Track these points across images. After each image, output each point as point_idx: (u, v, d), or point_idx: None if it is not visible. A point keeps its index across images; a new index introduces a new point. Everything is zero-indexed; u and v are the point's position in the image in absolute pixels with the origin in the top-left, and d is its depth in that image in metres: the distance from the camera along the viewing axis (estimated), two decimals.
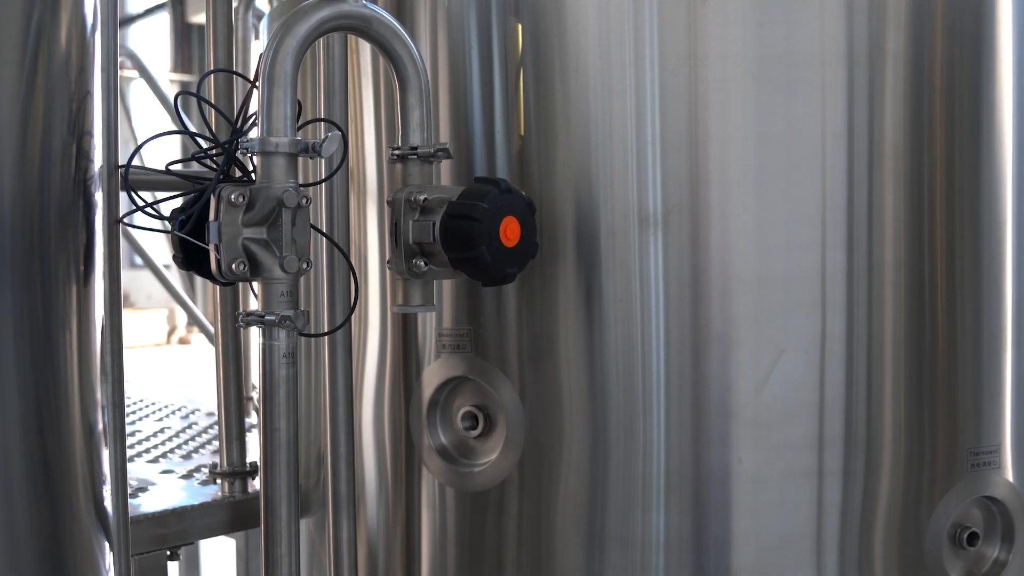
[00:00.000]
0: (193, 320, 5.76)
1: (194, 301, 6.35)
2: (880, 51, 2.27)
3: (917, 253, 2.31)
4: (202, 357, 13.29)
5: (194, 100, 2.28)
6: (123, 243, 2.42)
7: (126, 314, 2.38)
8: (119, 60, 2.43)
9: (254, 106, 2.12)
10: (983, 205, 2.38)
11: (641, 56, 2.23)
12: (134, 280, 18.88)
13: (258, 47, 4.65)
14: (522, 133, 2.32)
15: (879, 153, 2.27)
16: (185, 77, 22.99)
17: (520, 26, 2.32)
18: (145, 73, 5.63)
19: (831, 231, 2.24)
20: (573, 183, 2.27)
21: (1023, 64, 2.41)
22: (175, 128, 4.11)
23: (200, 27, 22.14)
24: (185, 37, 23.27)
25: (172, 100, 4.51)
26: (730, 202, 2.23)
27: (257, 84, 2.08)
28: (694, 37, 2.22)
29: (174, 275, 6.30)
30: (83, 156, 2.06)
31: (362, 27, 2.14)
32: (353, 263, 2.50)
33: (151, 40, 24.13)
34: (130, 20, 24.29)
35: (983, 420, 2.40)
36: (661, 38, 2.23)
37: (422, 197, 2.11)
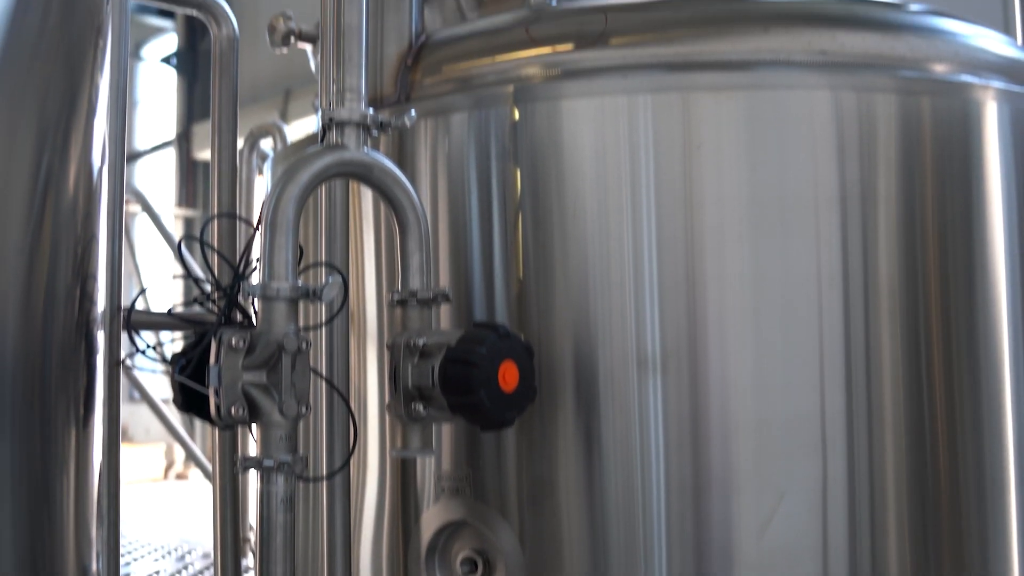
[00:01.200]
0: (191, 457, 5.73)
1: (192, 437, 6.32)
2: (872, 194, 2.30)
3: (916, 394, 2.31)
4: (199, 493, 13.13)
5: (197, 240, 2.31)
6: (122, 378, 2.42)
7: (123, 449, 2.38)
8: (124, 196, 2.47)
9: (256, 250, 2.15)
10: (979, 344, 2.38)
11: (638, 200, 2.27)
12: (132, 415, 18.77)
13: (262, 183, 4.72)
14: (521, 277, 2.34)
15: (874, 294, 2.29)
16: (189, 212, 23.23)
17: (519, 171, 2.36)
18: (150, 211, 5.71)
19: (829, 373, 2.25)
20: (571, 326, 2.29)
21: (1012, 204, 2.45)
22: (178, 266, 4.14)
23: (205, 163, 22.50)
24: (190, 173, 23.58)
25: (175, 239, 4.56)
26: (728, 345, 2.24)
27: (259, 229, 2.11)
28: (689, 182, 2.26)
29: (172, 411, 6.27)
30: (87, 299, 2.08)
31: (363, 174, 2.18)
32: (352, 406, 2.50)
33: (156, 175, 24.49)
34: (136, 156, 24.68)
35: (988, 562, 2.37)
36: (657, 183, 2.27)
37: (421, 342, 2.12)
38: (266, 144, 4.81)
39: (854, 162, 2.30)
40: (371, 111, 2.20)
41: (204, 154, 22.22)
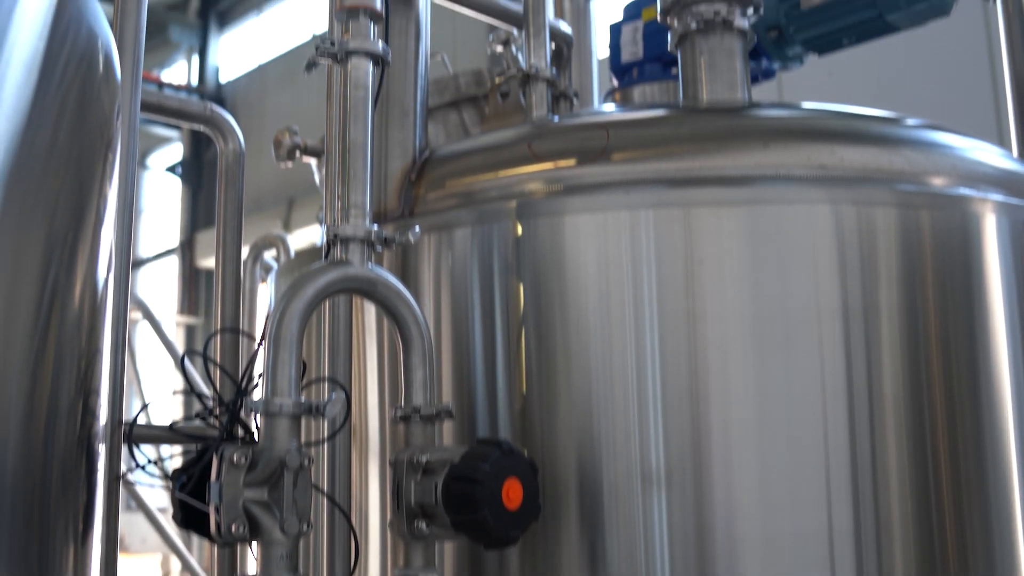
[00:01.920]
0: (188, 569, 5.64)
1: (189, 548, 6.23)
2: (875, 307, 2.31)
3: (925, 509, 2.28)
4: None
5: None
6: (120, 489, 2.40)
7: (119, 559, 2.35)
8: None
9: (259, 364, 2.14)
10: (987, 455, 2.36)
11: (641, 315, 2.27)
12: (129, 524, 18.56)
13: (265, 292, 4.73)
14: (524, 392, 2.34)
15: (880, 408, 2.28)
16: (191, 320, 23.29)
17: (522, 286, 2.37)
18: (152, 320, 5.71)
19: (836, 489, 2.22)
20: (575, 441, 2.27)
21: (1014, 315, 2.45)
22: (179, 375, 4.13)
23: (208, 271, 22.61)
24: (192, 281, 23.71)
25: (178, 349, 4.56)
26: (733, 460, 2.22)
27: (263, 344, 2.11)
28: (692, 297, 2.27)
29: (169, 522, 6.19)
30: (89, 414, 2.06)
31: (367, 289, 2.19)
32: (354, 523, 2.47)
33: (159, 281, 24.59)
34: (140, 263, 24.82)
35: None
36: (660, 297, 2.27)
37: (424, 458, 2.11)
38: (270, 254, 4.84)
39: (856, 276, 2.31)
40: (375, 227, 2.21)
41: (207, 262, 22.33)
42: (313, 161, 3.31)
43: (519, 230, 2.38)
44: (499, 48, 3.31)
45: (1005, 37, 3.54)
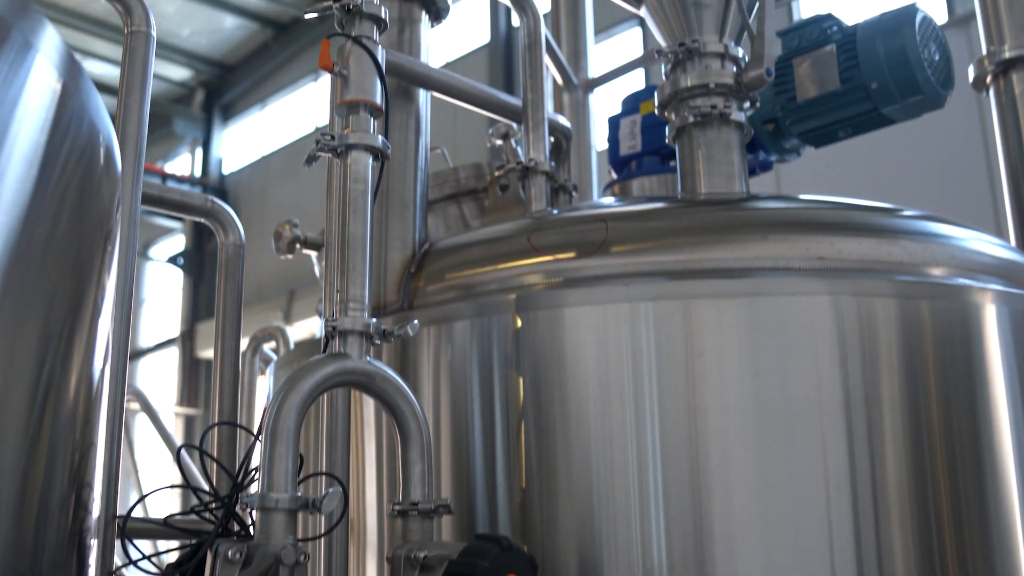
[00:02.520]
0: None
1: None
2: (877, 398, 2.29)
3: None
4: None
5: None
6: None
7: None
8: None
9: (256, 458, 2.12)
10: (993, 543, 2.33)
11: (641, 408, 2.25)
12: None
13: (264, 383, 4.71)
14: (524, 485, 2.31)
15: (884, 499, 2.25)
16: (191, 411, 23.17)
17: (521, 379, 2.36)
18: (150, 411, 5.68)
19: None
20: (576, 536, 2.24)
21: (1017, 404, 2.43)
22: (177, 469, 4.09)
23: (208, 361, 22.55)
24: (192, 371, 23.63)
25: (175, 441, 4.52)
26: (736, 555, 2.18)
27: (260, 438, 2.09)
28: (692, 389, 2.25)
29: None
30: (81, 507, 2.03)
31: (365, 383, 2.18)
32: None
33: (159, 371, 24.52)
34: (139, 354, 24.77)
35: None
36: (660, 390, 2.26)
37: (422, 554, 2.08)
38: (269, 346, 4.83)
39: (857, 367, 2.29)
40: (374, 320, 2.21)
41: (207, 352, 22.29)
42: (313, 253, 3.32)
43: (518, 323, 2.38)
44: (499, 142, 3.34)
45: (999, 128, 3.58)
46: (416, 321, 2.29)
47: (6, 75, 1.89)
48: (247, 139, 25.04)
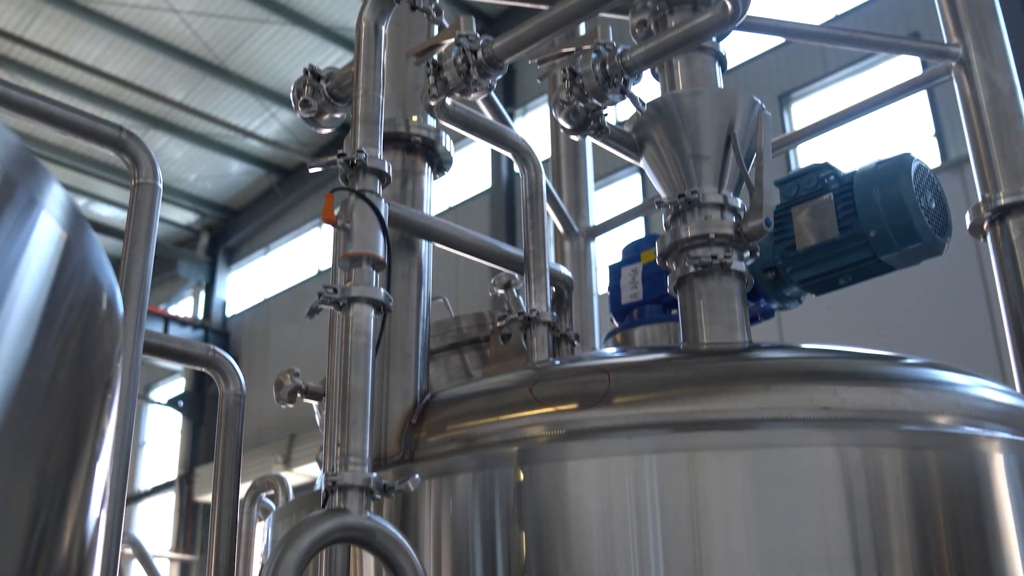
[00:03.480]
0: None
1: None
2: (886, 551, 2.24)
3: None
4: None
5: None
6: None
7: None
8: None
9: None
10: None
11: (646, 563, 2.21)
12: None
13: (262, 530, 4.63)
14: None
15: None
16: (187, 557, 22.79)
17: (523, 534, 2.31)
18: (146, 561, 5.57)
19: None
20: None
21: None
22: None
23: (206, 505, 22.27)
24: (190, 515, 23.33)
25: None
26: None
27: None
28: (698, 543, 2.21)
29: None
30: None
31: (365, 539, 2.14)
32: None
33: (156, 514, 24.20)
34: (137, 498, 24.50)
35: None
36: (665, 544, 2.21)
37: None
38: (268, 494, 4.77)
39: (865, 519, 2.25)
40: (374, 475, 2.18)
41: (205, 496, 22.05)
42: (315, 403, 3.30)
43: (521, 476, 2.34)
44: (500, 291, 3.36)
45: (998, 273, 3.60)
46: (417, 476, 2.26)
47: (10, 232, 1.92)
48: (250, 282, 25.25)
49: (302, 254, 23.43)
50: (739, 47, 14.39)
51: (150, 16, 19.52)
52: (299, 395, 3.18)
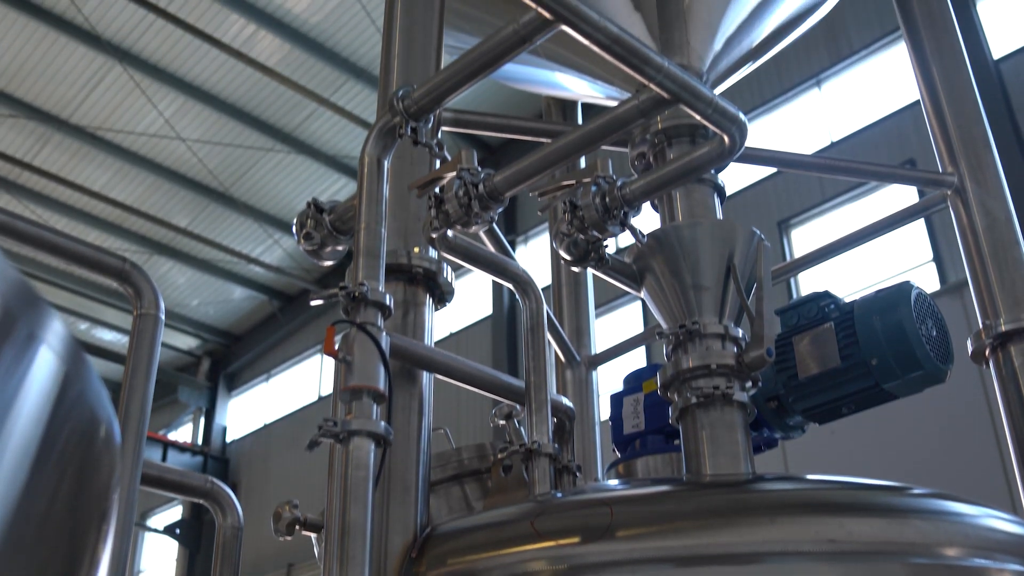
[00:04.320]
0: None
1: None
2: None
3: None
4: None
5: None
6: None
7: None
8: None
9: None
10: None
11: None
12: None
13: None
14: None
15: None
16: None
17: None
18: None
19: None
20: None
21: None
22: None
23: None
24: None
25: None
26: None
27: None
28: None
29: None
30: None
31: None
32: None
33: None
34: None
35: None
36: None
37: None
38: None
39: None
40: None
41: None
42: (313, 535, 3.25)
43: None
44: (502, 422, 3.34)
45: (1002, 400, 3.59)
46: None
47: (9, 366, 1.93)
48: (251, 407, 25.16)
49: (303, 380, 23.37)
50: (738, 174, 14.60)
51: (158, 144, 19.85)
52: (297, 527, 3.13)
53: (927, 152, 4.35)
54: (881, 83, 14.78)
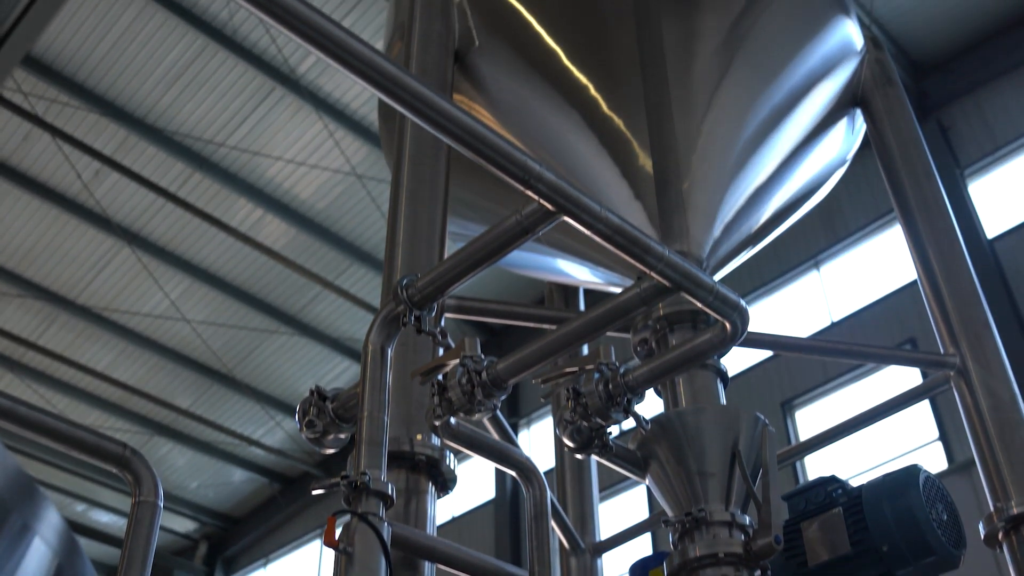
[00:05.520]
0: None
1: None
2: None
3: None
4: None
5: None
6: None
7: None
8: None
9: None
10: None
11: None
12: None
13: None
14: None
15: None
16: None
17: None
18: None
19: None
20: None
21: None
22: None
23: None
24: None
25: None
26: None
27: None
28: None
29: None
30: None
31: None
32: None
33: None
34: None
35: None
36: None
37: None
38: None
39: None
40: None
41: None
42: None
43: None
44: None
45: None
46: None
47: (1, 557, 1.91)
48: None
49: (302, 565, 22.89)
50: (740, 356, 14.62)
51: (162, 325, 19.96)
52: None
53: (927, 330, 4.37)
54: (879, 263, 14.95)
